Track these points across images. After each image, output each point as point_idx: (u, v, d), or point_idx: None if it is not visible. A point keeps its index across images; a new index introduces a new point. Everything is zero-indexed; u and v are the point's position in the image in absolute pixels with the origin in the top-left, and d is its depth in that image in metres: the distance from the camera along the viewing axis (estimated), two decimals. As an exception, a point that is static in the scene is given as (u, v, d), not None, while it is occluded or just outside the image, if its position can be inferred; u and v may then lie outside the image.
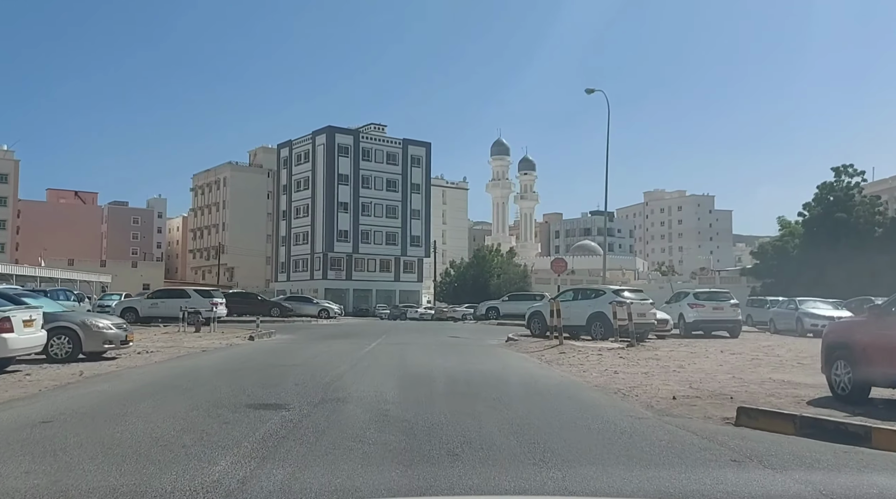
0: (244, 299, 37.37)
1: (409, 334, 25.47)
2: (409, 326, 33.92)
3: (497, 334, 25.29)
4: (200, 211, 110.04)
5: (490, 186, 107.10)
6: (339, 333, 25.59)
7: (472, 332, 28.27)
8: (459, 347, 19.90)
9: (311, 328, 28.61)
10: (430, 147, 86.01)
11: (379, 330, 27.76)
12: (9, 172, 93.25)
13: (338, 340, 21.46)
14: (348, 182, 79.67)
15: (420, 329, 30.01)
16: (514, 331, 25.23)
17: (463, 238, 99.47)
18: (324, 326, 30.90)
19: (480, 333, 27.12)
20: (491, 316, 39.69)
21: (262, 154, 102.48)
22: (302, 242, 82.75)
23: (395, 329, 30.20)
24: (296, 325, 32.24)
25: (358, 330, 27.68)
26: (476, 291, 65.58)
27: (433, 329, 30.88)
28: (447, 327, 34.02)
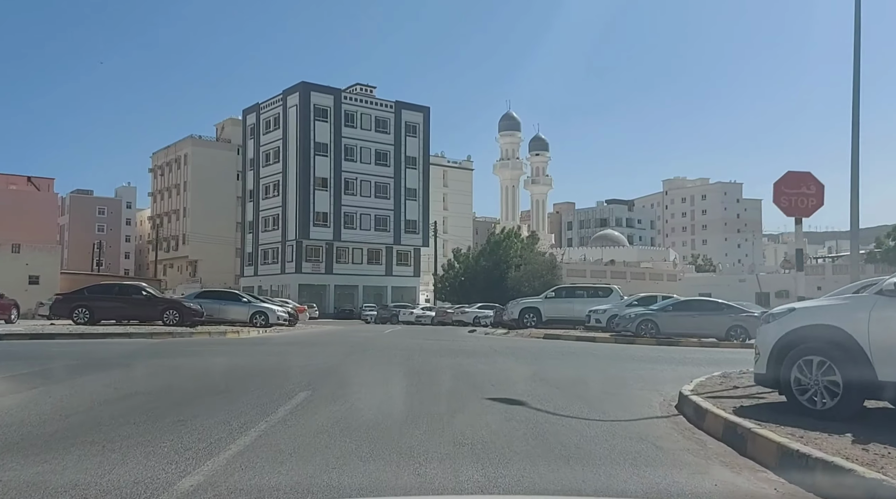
0: (117, 295, 22.19)
1: (384, 371, 10.74)
2: (396, 342, 19.04)
3: (609, 367, 10.61)
4: (160, 195, 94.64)
5: (498, 166, 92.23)
6: (214, 372, 10.45)
7: (532, 359, 13.30)
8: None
9: (188, 354, 13.51)
10: (428, 113, 70.87)
11: (328, 357, 12.83)
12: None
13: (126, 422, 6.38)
14: (327, 153, 64.46)
15: (410, 350, 15.16)
16: (688, 371, 10.44)
17: (467, 226, 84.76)
18: (228, 348, 15.77)
19: (566, 365, 12.22)
20: (528, 321, 24.57)
21: (230, 127, 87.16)
22: (271, 228, 67.51)
23: (365, 349, 15.24)
24: (181, 343, 17.21)
25: (277, 361, 12.60)
26: (489, 286, 50.53)
27: (438, 347, 16.15)
28: (460, 340, 19.20)
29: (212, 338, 19.89)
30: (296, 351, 14.26)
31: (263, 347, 15.93)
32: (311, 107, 63.62)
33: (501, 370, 10.58)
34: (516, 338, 21.33)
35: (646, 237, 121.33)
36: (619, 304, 23.20)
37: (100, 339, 17.29)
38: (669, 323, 19.98)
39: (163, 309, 22.09)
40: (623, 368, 11.34)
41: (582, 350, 15.80)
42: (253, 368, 10.82)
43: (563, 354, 14.45)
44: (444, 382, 9.04)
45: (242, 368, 10.80)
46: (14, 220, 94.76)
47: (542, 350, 15.61)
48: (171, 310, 22.14)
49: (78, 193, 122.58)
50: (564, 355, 14.24)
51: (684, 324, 19.98)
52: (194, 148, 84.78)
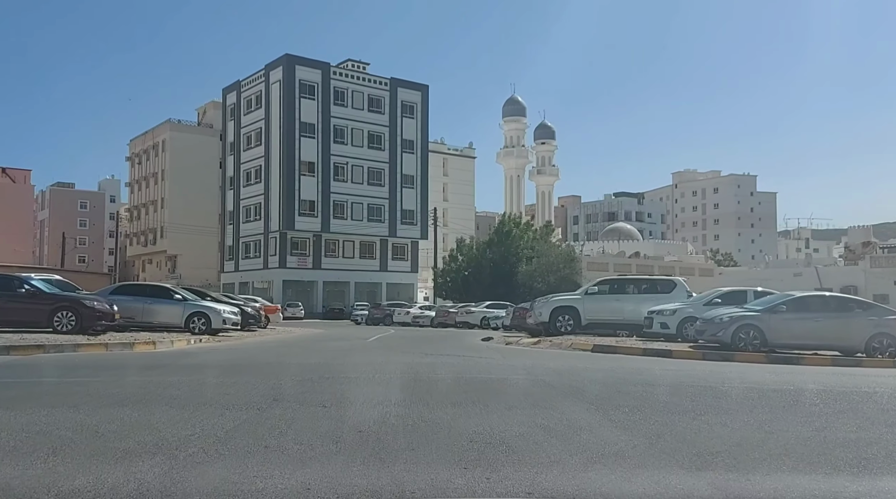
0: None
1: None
2: (378, 359, 12.69)
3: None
4: (137, 185, 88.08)
5: (502, 154, 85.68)
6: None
7: (634, 410, 6.87)
8: None
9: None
10: (426, 91, 64.32)
11: (211, 417, 6.33)
12: None
13: None
14: (314, 134, 57.94)
15: (398, 383, 8.87)
16: None
17: (469, 219, 78.26)
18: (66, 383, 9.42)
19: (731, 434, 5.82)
20: (562, 325, 18.09)
21: (212, 111, 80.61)
22: (253, 218, 60.99)
23: (315, 380, 8.76)
24: (32, 367, 10.85)
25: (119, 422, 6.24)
26: (497, 281, 44.14)
27: (446, 374, 9.88)
28: (474, 355, 12.85)
29: (107, 354, 13.41)
30: (170, 389, 7.77)
31: (137, 377, 9.44)
32: (297, 82, 57.06)
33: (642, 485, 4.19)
34: (554, 351, 14.86)
35: (656, 232, 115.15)
36: (691, 302, 16.76)
37: None
38: (781, 329, 13.60)
39: (53, 310, 15.58)
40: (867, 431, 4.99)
41: (696, 379, 9.35)
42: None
43: (678, 392, 8.00)
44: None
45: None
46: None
47: (624, 381, 9.16)
48: (65, 311, 15.64)
49: (58, 186, 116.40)
50: (684, 394, 7.78)
51: (803, 331, 13.63)
52: (172, 133, 78.27)
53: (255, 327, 24.54)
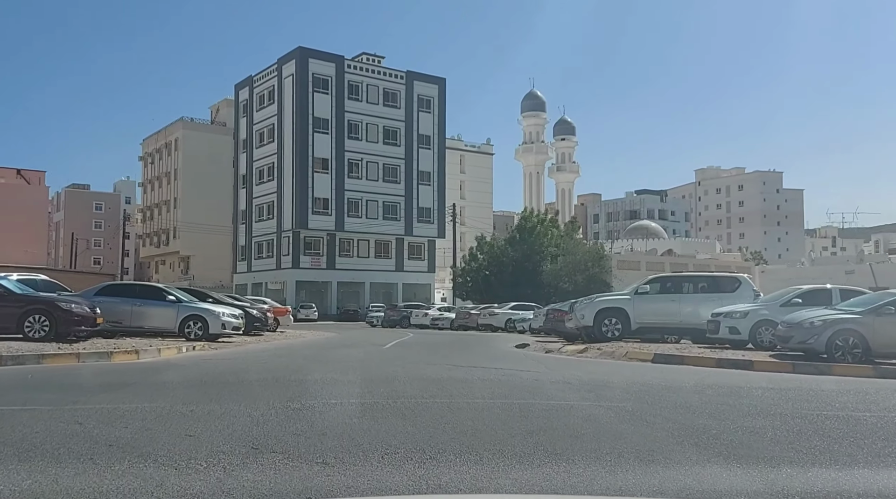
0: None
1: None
2: (397, 371, 10.38)
3: None
4: (150, 185, 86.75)
5: (521, 150, 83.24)
6: None
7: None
8: None
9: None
10: (444, 85, 62.10)
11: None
12: None
13: None
14: (328, 129, 55.92)
15: (428, 414, 6.40)
16: None
17: (487, 218, 75.89)
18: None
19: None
20: (608, 329, 15.71)
21: (225, 109, 79.01)
22: (266, 217, 59.11)
23: (313, 409, 6.53)
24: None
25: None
26: (519, 281, 41.82)
27: (492, 392, 7.63)
28: (514, 368, 10.60)
29: (75, 367, 11.29)
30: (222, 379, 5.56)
31: (80, 405, 7.24)
32: (310, 76, 55.07)
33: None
34: (607, 362, 12.51)
35: (680, 230, 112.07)
36: (765, 303, 14.34)
37: None
38: (889, 336, 11.16)
39: (24, 314, 13.50)
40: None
41: (832, 405, 7.00)
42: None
43: (840, 431, 5.64)
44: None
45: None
46: (2, 213, 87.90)
47: (735, 408, 6.83)
48: (38, 315, 13.55)
49: (73, 187, 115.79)
50: (853, 433, 5.44)
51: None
52: (185, 131, 76.74)
53: (261, 331, 22.48)
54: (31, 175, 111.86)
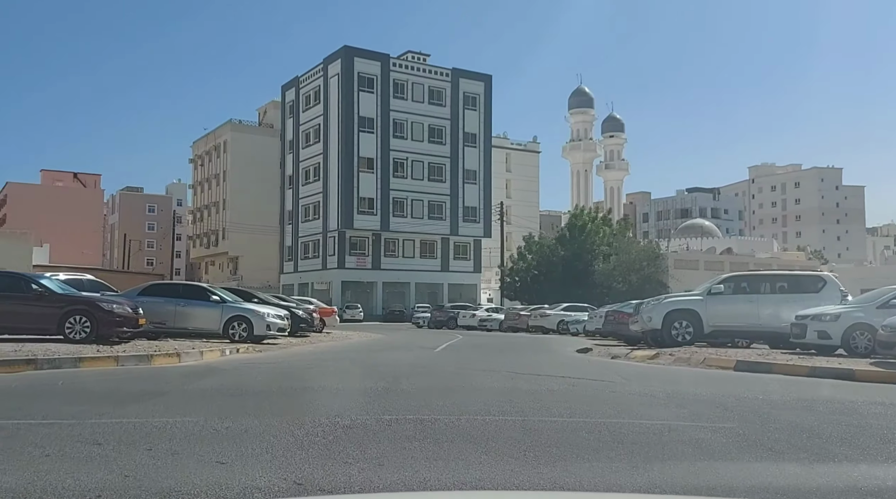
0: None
1: None
2: (456, 382, 9.39)
3: None
4: (200, 186, 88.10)
5: (568, 148, 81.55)
6: None
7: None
8: None
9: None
10: (490, 82, 61.04)
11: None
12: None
13: None
14: (374, 128, 55.48)
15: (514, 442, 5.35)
16: None
17: (533, 217, 74.45)
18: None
19: None
20: (679, 333, 14.44)
21: (272, 111, 79.57)
22: (311, 217, 59.06)
23: (368, 426, 5.60)
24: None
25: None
26: (570, 281, 40.50)
27: (599, 424, 6.39)
28: (590, 378, 9.51)
29: (113, 371, 10.69)
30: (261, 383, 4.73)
31: (105, 419, 6.49)
32: (355, 75, 54.73)
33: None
34: (684, 369, 11.31)
35: (733, 229, 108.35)
36: (858, 304, 12.89)
37: None
38: None
39: (65, 314, 13.04)
40: None
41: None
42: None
43: None
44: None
45: None
46: (60, 216, 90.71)
47: (860, 434, 5.67)
48: (79, 315, 13.07)
49: (127, 190, 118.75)
50: None
51: None
52: (233, 134, 77.55)
53: (307, 332, 21.88)
54: (87, 178, 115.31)
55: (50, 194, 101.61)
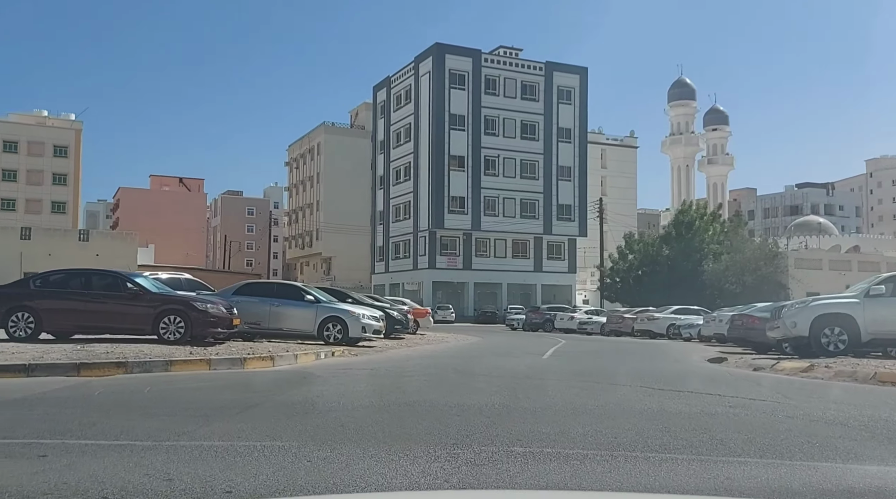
0: (84, 290, 12.94)
1: None
2: (590, 406, 7.90)
3: None
4: (295, 189, 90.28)
5: (668, 142, 77.73)
6: None
7: None
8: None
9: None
10: (585, 75, 58.77)
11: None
12: (68, 143, 77.49)
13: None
14: (465, 126, 54.52)
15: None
16: None
17: (630, 215, 71.20)
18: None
19: None
20: (827, 341, 12.35)
21: (364, 112, 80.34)
22: (402, 217, 58.79)
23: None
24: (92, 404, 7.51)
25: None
26: (676, 282, 37.94)
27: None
28: (736, 389, 7.76)
29: (208, 374, 10.00)
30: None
31: (181, 439, 5.52)
32: (447, 72, 53.96)
33: None
34: (858, 387, 9.37)
35: (850, 226, 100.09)
36: None
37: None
38: None
39: (159, 314, 12.58)
40: None
41: None
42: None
43: None
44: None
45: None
46: (167, 219, 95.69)
47: None
48: (174, 315, 12.58)
49: (228, 194, 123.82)
50: None
51: None
52: (326, 136, 78.83)
53: (401, 334, 21.00)
54: (191, 183, 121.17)
55: (158, 198, 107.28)
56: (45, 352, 10.37)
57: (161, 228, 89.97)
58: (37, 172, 74.24)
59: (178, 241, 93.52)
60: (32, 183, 74.12)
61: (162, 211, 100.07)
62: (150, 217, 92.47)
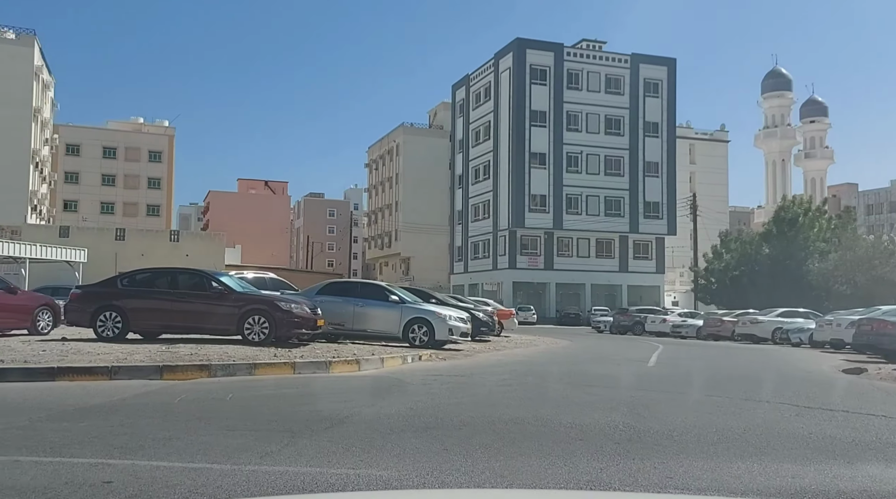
0: (170, 290, 12.71)
1: None
2: (758, 427, 6.75)
3: None
4: (375, 190, 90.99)
5: (762, 136, 73.42)
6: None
7: None
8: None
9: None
10: (674, 66, 56.11)
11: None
12: (162, 148, 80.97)
13: None
14: (546, 122, 53.06)
15: None
16: None
17: (722, 212, 67.58)
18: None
19: None
20: None
21: (442, 112, 79.96)
22: (482, 217, 57.90)
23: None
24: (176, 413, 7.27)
25: None
26: (778, 284, 35.34)
27: None
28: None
29: (293, 378, 9.42)
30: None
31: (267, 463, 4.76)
32: (527, 68, 52.68)
33: None
34: None
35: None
36: None
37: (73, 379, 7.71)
38: None
39: (244, 314, 12.17)
40: None
41: None
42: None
43: None
44: None
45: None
46: (253, 220, 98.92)
47: None
48: (258, 315, 12.15)
49: (310, 196, 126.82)
50: None
51: None
52: (405, 137, 78.93)
53: (486, 336, 20.06)
54: (276, 186, 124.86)
55: (245, 201, 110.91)
56: (129, 353, 10.07)
57: (247, 230, 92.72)
58: (133, 177, 77.95)
59: (264, 242, 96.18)
60: (129, 187, 77.88)
61: (248, 213, 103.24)
62: (237, 219, 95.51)
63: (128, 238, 38.01)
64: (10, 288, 13.39)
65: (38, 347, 10.71)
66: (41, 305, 14.01)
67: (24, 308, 13.61)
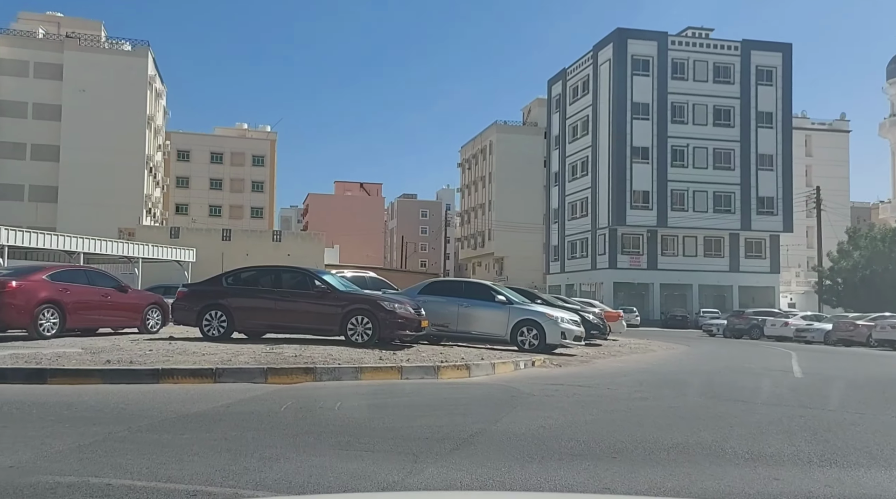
0: (274, 288, 12.36)
1: None
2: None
3: None
4: (468, 190, 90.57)
5: (887, 125, 67.05)
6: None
7: None
8: None
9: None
10: (789, 52, 52.17)
11: None
12: (265, 153, 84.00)
13: None
14: (649, 115, 50.59)
15: None
16: None
17: (844, 206, 62.17)
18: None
19: None
20: None
21: (536, 109, 78.34)
22: (579, 214, 56.03)
23: None
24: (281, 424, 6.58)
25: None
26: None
27: None
28: None
29: (400, 384, 8.71)
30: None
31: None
32: (629, 59, 50.42)
33: None
34: None
35: None
36: None
37: (177, 382, 7.40)
38: None
39: (347, 314, 11.64)
40: None
41: None
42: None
43: None
44: None
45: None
46: (349, 221, 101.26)
47: None
48: (361, 315, 11.58)
49: (404, 197, 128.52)
50: None
51: None
52: (499, 135, 77.97)
53: (596, 340, 18.78)
54: (370, 188, 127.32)
55: (341, 203, 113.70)
56: (234, 354, 9.70)
57: (344, 231, 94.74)
58: (238, 181, 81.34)
59: (359, 242, 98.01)
60: (235, 190, 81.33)
61: (345, 214, 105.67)
62: (334, 220, 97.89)
63: (233, 238, 39.28)
64: (121, 287, 13.52)
65: (145, 347, 10.56)
66: (150, 303, 14.10)
67: (134, 307, 13.72)
